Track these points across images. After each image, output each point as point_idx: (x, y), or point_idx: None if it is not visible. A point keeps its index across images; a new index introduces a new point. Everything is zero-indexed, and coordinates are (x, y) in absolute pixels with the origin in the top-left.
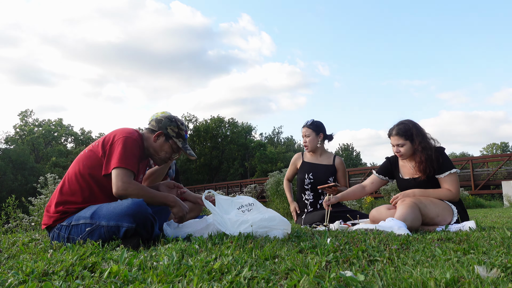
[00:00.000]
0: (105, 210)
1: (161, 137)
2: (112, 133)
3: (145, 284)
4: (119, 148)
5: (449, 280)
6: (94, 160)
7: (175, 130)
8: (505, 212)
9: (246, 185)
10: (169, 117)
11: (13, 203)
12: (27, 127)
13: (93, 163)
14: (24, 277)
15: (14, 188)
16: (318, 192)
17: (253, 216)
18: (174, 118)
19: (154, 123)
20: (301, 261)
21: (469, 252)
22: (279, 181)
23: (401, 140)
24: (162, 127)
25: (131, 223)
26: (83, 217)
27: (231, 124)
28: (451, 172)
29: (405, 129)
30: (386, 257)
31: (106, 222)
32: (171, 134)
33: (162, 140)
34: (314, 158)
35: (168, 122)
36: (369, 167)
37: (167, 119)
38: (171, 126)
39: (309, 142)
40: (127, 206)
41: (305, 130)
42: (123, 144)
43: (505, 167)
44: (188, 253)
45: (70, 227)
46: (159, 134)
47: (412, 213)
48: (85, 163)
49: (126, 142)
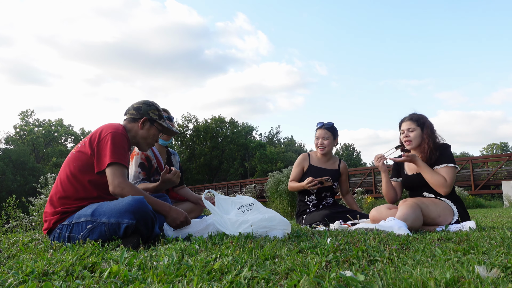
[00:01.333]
0: (106, 208)
1: (146, 123)
2: (98, 130)
3: (145, 284)
4: (109, 143)
5: (449, 280)
6: (84, 160)
7: (155, 112)
8: (505, 212)
9: (246, 185)
10: (146, 102)
11: (13, 203)
12: (27, 127)
13: (83, 163)
14: (24, 277)
15: (14, 188)
16: (321, 196)
17: (253, 216)
18: (150, 102)
19: (133, 112)
20: (301, 261)
21: (469, 252)
22: (279, 181)
23: (413, 125)
24: (144, 113)
25: (131, 220)
26: (84, 215)
27: (231, 124)
28: (449, 166)
29: (418, 117)
30: (386, 257)
31: (107, 219)
32: (154, 117)
33: (148, 125)
34: (321, 162)
35: (147, 107)
36: (369, 167)
37: (145, 104)
38: (151, 110)
39: (328, 145)
40: (128, 203)
41: (324, 132)
42: (111, 139)
43: (505, 167)
44: (188, 253)
45: (71, 226)
46: (144, 120)
47: (413, 213)
48: (75, 165)
49: (114, 137)
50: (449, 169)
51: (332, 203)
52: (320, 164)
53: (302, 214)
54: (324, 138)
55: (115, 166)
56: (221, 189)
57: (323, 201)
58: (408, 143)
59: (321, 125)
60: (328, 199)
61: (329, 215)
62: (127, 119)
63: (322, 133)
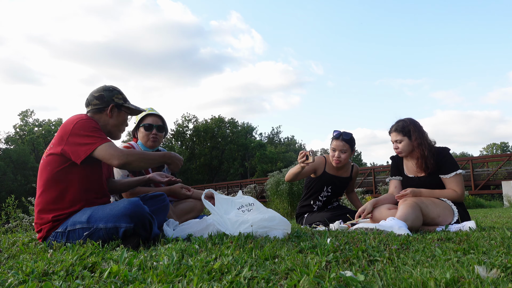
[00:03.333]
0: (101, 213)
1: (114, 110)
2: (61, 128)
3: (145, 284)
4: (82, 131)
5: (449, 280)
6: (58, 160)
7: (120, 96)
8: (505, 212)
9: (246, 185)
10: (106, 88)
11: (13, 203)
12: (27, 127)
13: (58, 163)
14: (24, 277)
15: (14, 188)
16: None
17: (253, 216)
18: (111, 86)
19: (96, 102)
20: (301, 261)
21: (469, 252)
22: (279, 181)
23: (399, 136)
24: (109, 99)
25: (129, 223)
26: (79, 222)
27: (231, 124)
28: (457, 173)
29: (403, 126)
30: (386, 257)
31: (104, 225)
32: (119, 102)
33: (116, 112)
34: (335, 170)
35: (110, 93)
36: (369, 167)
37: (106, 91)
38: (115, 95)
39: (344, 159)
40: (124, 206)
41: (342, 144)
42: (82, 125)
43: (505, 167)
44: (188, 253)
45: (66, 233)
46: (112, 107)
47: (413, 213)
48: (52, 167)
49: (84, 123)
50: (457, 177)
51: (336, 206)
52: (334, 172)
53: (303, 214)
54: (342, 151)
55: (104, 144)
56: (221, 189)
57: (328, 205)
58: (399, 154)
59: (339, 135)
60: (333, 203)
61: (330, 216)
62: (91, 111)
63: (340, 145)
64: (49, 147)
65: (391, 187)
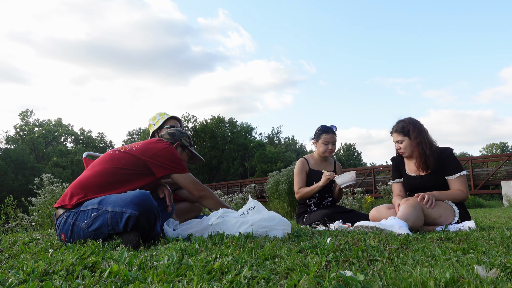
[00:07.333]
0: (113, 198)
1: (179, 148)
2: (150, 144)
3: (145, 284)
4: (173, 156)
5: (449, 279)
6: (133, 161)
7: (187, 140)
8: (504, 212)
9: (246, 185)
10: (179, 130)
11: (12, 203)
12: (27, 127)
13: (132, 163)
14: (24, 276)
15: (15, 188)
16: (324, 196)
17: (253, 216)
18: (183, 130)
19: (167, 136)
20: (301, 261)
21: (468, 252)
22: (278, 181)
23: (400, 136)
24: (178, 138)
25: (134, 210)
26: (91, 203)
27: (230, 124)
28: (461, 174)
29: (403, 126)
30: (386, 257)
31: (111, 208)
32: (186, 144)
33: (180, 151)
34: (319, 165)
35: (180, 134)
36: (369, 167)
37: (178, 131)
38: (184, 137)
39: (334, 150)
40: (134, 194)
41: (334, 136)
42: (171, 152)
43: (504, 167)
44: (188, 253)
45: (78, 213)
46: (177, 145)
47: (415, 213)
48: (124, 162)
49: (174, 152)
50: (462, 178)
51: (331, 202)
52: (318, 167)
53: (303, 214)
54: (333, 143)
55: (188, 175)
56: (221, 189)
57: (323, 201)
58: (402, 154)
59: (330, 129)
60: (328, 199)
61: (329, 215)
62: None
63: (333, 138)
64: (131, 148)
65: (396, 190)
